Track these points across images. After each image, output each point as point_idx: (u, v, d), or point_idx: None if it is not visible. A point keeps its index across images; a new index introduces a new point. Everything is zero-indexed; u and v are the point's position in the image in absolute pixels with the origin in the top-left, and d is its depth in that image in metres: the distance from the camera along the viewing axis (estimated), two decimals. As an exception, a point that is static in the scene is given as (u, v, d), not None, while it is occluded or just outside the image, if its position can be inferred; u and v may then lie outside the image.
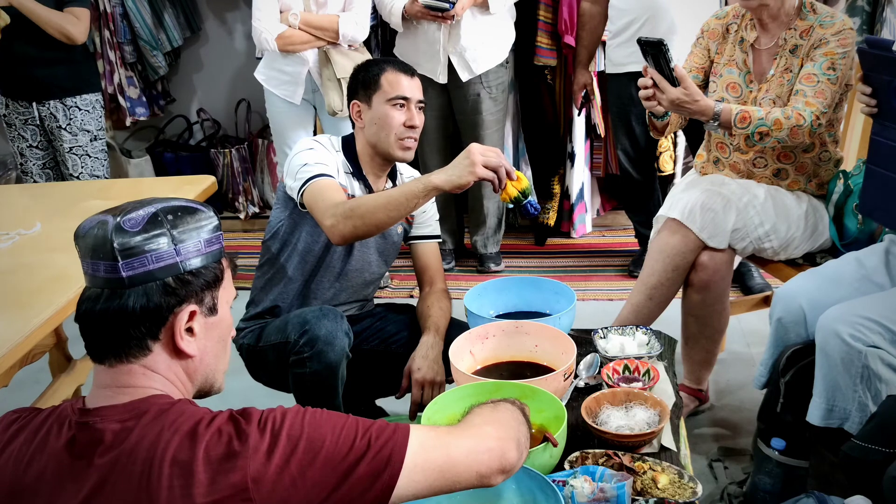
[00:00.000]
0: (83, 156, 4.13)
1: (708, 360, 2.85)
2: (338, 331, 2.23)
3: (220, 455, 1.16)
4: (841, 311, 2.09)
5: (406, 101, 2.38)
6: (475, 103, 3.98)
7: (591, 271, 4.30)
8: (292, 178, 2.33)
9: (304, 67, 3.75)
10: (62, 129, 4.04)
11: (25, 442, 1.25)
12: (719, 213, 2.61)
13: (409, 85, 2.39)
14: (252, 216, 5.18)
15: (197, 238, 1.28)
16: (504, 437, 1.37)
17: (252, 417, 1.21)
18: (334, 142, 2.46)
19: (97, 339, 1.26)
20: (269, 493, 1.16)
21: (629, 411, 1.88)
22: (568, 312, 2.25)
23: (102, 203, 2.92)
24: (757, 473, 2.34)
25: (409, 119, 2.38)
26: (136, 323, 1.23)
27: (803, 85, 2.56)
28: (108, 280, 1.23)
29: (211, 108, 5.27)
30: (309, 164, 2.31)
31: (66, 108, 4.02)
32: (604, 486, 1.56)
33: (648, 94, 2.57)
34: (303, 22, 3.63)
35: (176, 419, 1.20)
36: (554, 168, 4.56)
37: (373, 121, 2.39)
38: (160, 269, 1.23)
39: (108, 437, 1.19)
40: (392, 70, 2.39)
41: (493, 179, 2.13)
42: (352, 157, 2.44)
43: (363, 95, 2.41)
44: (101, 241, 1.23)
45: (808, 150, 2.70)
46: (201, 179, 3.17)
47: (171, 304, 1.25)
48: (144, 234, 1.23)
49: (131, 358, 1.25)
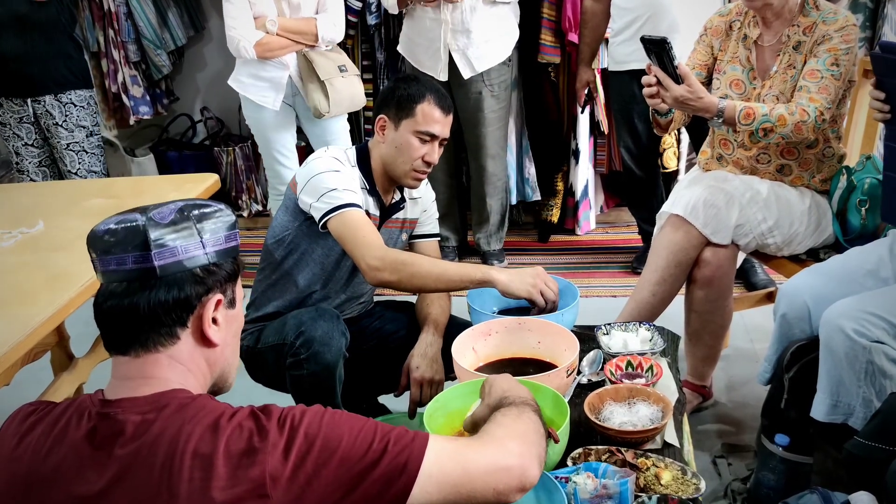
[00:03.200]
0: (80, 152, 4.14)
1: (711, 357, 2.85)
2: (334, 331, 2.23)
3: (241, 450, 1.17)
4: (845, 307, 2.08)
5: (432, 138, 2.36)
6: (477, 101, 3.96)
7: (594, 268, 4.30)
8: (314, 198, 2.28)
9: (284, 72, 3.72)
10: (58, 126, 4.04)
11: (44, 433, 1.26)
12: (722, 209, 2.61)
13: (442, 122, 2.36)
14: (255, 214, 5.18)
15: (219, 233, 1.32)
16: (526, 454, 1.32)
17: (272, 414, 1.22)
18: (350, 155, 2.42)
19: (124, 331, 1.27)
20: (285, 490, 1.16)
21: (632, 407, 1.86)
22: (571, 309, 2.24)
23: (105, 202, 2.93)
24: (760, 470, 2.33)
25: (428, 155, 2.36)
26: (168, 311, 1.26)
27: (807, 81, 2.56)
28: (138, 271, 1.25)
29: (214, 106, 5.27)
30: (338, 190, 2.27)
31: (61, 105, 4.02)
32: (607, 483, 1.55)
33: (652, 91, 2.57)
34: (281, 28, 3.60)
35: (197, 413, 1.21)
36: (558, 165, 4.56)
37: (394, 143, 2.37)
38: (189, 259, 1.28)
39: (130, 428, 1.21)
40: (430, 102, 2.34)
41: (541, 305, 2.16)
42: (366, 172, 2.42)
43: (393, 115, 2.37)
44: (133, 233, 1.26)
45: (811, 146, 2.69)
46: (204, 178, 3.16)
47: (200, 293, 1.29)
48: (174, 227, 1.28)
49: (159, 346, 1.28)
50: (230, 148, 5.05)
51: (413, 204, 2.57)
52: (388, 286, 2.22)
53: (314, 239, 2.40)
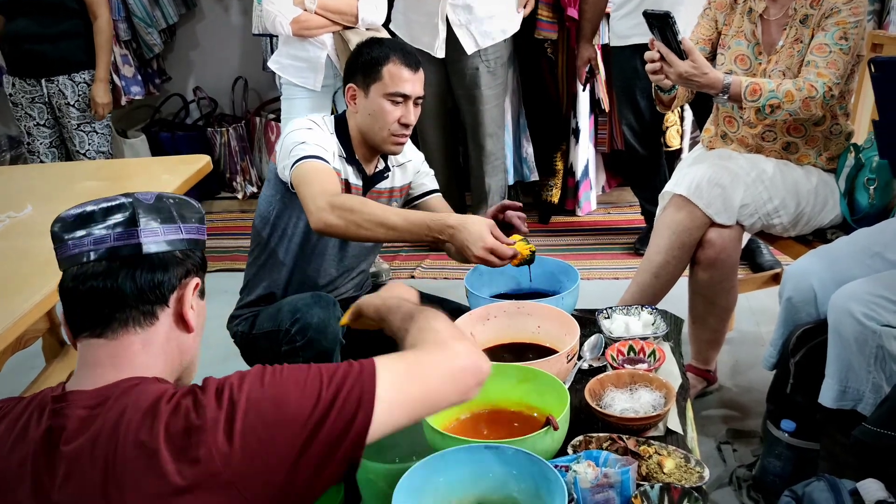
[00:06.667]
0: (91, 132, 4.18)
1: (716, 340, 2.84)
2: (330, 318, 2.21)
3: (180, 430, 1.15)
4: (854, 290, 2.07)
5: (405, 98, 2.32)
6: (473, 78, 3.93)
7: (595, 249, 4.28)
8: (286, 156, 2.27)
9: (322, 52, 3.63)
10: (70, 106, 4.09)
11: (7, 430, 1.24)
12: (727, 189, 2.59)
13: (412, 80, 2.32)
14: (250, 196, 5.16)
15: (193, 221, 1.37)
16: (472, 350, 1.37)
17: (208, 387, 1.20)
18: (328, 122, 2.40)
19: (103, 311, 1.27)
20: (239, 461, 1.14)
21: (634, 393, 1.86)
22: (572, 292, 2.23)
23: (97, 184, 2.92)
24: (766, 456, 2.33)
25: (404, 116, 2.32)
26: (153, 288, 1.28)
27: (815, 56, 2.53)
28: (122, 248, 1.27)
29: (207, 86, 5.27)
30: (306, 144, 2.25)
31: (74, 85, 4.06)
32: (608, 472, 1.54)
33: (655, 67, 2.55)
34: (320, 6, 3.54)
35: (138, 398, 1.19)
36: (557, 144, 4.53)
37: (367, 111, 2.33)
38: (170, 240, 1.31)
39: (73, 424, 1.19)
40: (396, 62, 2.30)
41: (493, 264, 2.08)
42: (345, 140, 2.39)
43: (361, 81, 2.34)
44: (118, 210, 1.28)
45: (818, 124, 2.67)
46: (196, 159, 3.14)
47: (180, 274, 1.32)
48: (157, 208, 1.31)
49: (137, 328, 1.28)
50: (224, 128, 5.04)
51: (401, 171, 2.53)
52: (332, 233, 2.14)
53: (296, 209, 2.34)
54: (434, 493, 1.52)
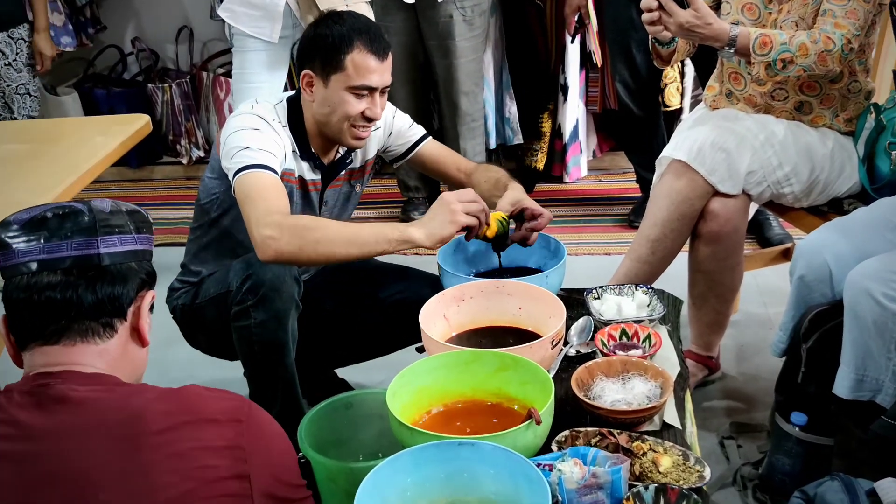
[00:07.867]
0: (25, 95, 4.17)
1: (719, 323, 2.85)
2: (286, 275, 2.19)
3: None
4: (873, 267, 2.08)
5: (370, 91, 2.25)
6: (446, 26, 3.91)
7: (585, 221, 4.30)
8: (227, 158, 2.20)
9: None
10: (9, 66, 4.03)
11: None
12: (732, 153, 2.59)
13: (379, 70, 2.24)
14: (196, 161, 5.12)
15: (145, 231, 1.47)
16: None
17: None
18: (280, 113, 2.32)
19: (58, 322, 1.35)
20: None
21: (627, 383, 1.87)
22: (557, 269, 2.24)
23: (18, 146, 2.90)
24: (774, 452, 2.34)
25: (369, 110, 2.25)
26: (112, 300, 1.38)
27: (832, 4, 2.53)
28: (79, 258, 1.35)
29: (148, 37, 5.22)
30: (251, 150, 2.17)
31: (13, 42, 4.02)
32: (596, 471, 1.54)
33: (653, 17, 2.55)
34: None
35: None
36: (543, 103, 4.53)
37: (326, 102, 2.26)
38: (127, 252, 1.41)
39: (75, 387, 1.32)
40: (361, 48, 2.21)
41: (475, 225, 2.11)
42: (298, 132, 2.33)
43: (320, 69, 2.25)
44: (73, 216, 1.37)
45: (835, 81, 2.67)
46: (134, 119, 3.12)
47: (138, 286, 1.43)
48: (115, 216, 1.41)
49: (96, 338, 1.37)
50: (166, 84, 5.00)
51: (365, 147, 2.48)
52: (287, 261, 2.10)
53: None
54: (401, 494, 1.53)
